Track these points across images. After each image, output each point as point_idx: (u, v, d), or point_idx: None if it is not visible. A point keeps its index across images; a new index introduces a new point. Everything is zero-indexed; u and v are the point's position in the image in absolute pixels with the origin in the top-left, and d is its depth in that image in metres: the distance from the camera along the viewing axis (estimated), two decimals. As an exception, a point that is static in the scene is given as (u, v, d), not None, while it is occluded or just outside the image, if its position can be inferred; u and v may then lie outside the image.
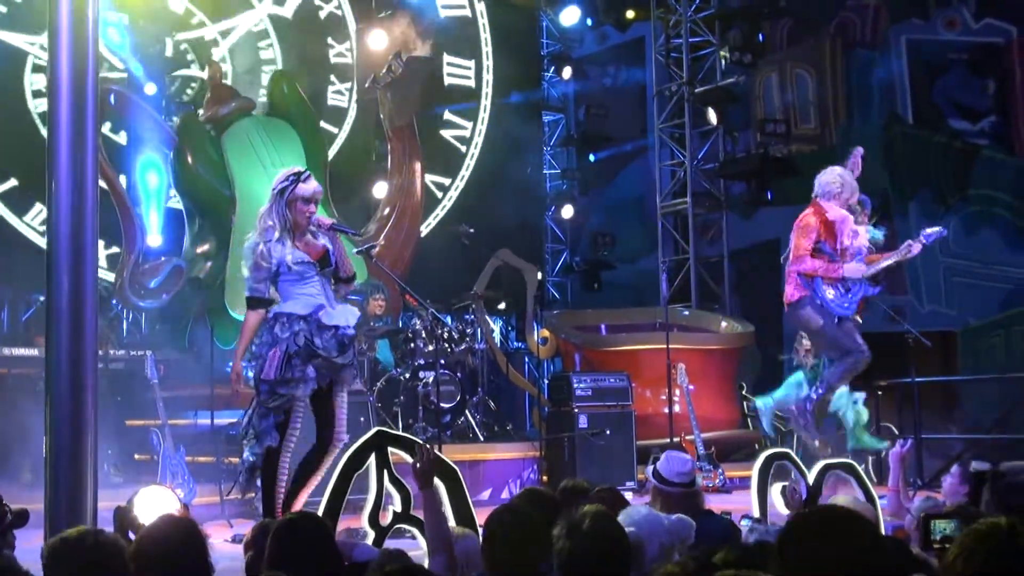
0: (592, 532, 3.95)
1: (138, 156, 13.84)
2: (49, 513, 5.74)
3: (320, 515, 5.25)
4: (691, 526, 4.92)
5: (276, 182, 7.41)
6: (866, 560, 3.12)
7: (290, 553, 4.17)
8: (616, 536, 4.04)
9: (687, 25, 17.19)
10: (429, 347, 12.10)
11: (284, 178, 7.39)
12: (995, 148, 17.86)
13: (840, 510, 3.45)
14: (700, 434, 11.79)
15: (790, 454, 7.39)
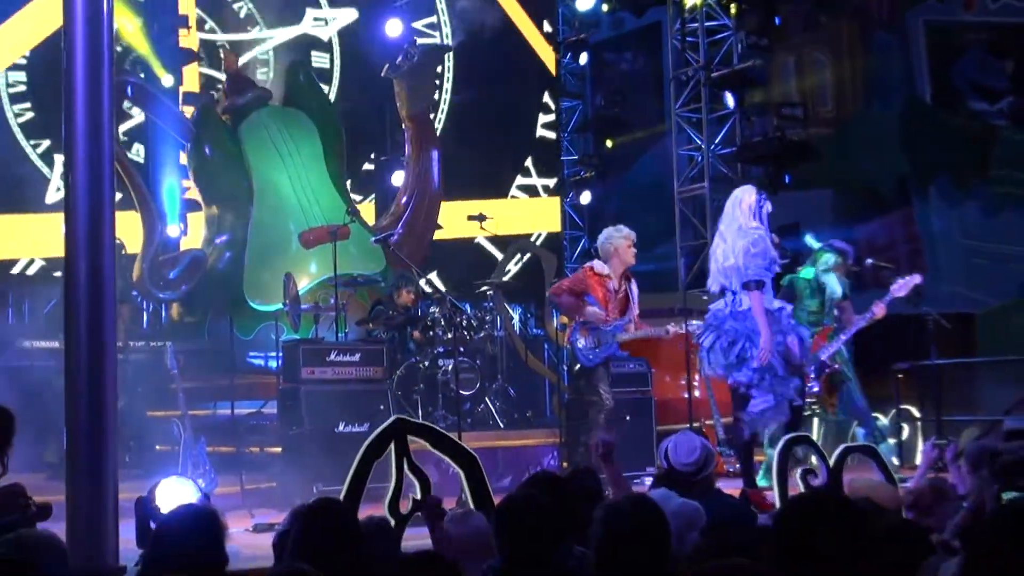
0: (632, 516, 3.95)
1: (156, 148, 13.89)
2: (70, 506, 5.76)
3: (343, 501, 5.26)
4: (698, 509, 4.92)
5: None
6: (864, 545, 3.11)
7: (313, 541, 4.19)
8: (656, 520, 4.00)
9: (703, 9, 17.10)
10: (448, 335, 12.08)
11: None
12: (1014, 129, 17.79)
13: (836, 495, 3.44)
14: (720, 419, 11.76)
15: (810, 438, 7.41)
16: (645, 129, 18.92)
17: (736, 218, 8.70)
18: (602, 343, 9.87)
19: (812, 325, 10.10)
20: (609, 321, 9.78)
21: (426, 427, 5.99)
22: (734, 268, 8.44)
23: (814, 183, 17.67)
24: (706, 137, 17.01)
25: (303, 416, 10.03)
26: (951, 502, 5.79)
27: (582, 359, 9.97)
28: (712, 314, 8.69)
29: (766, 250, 8.46)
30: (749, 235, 8.51)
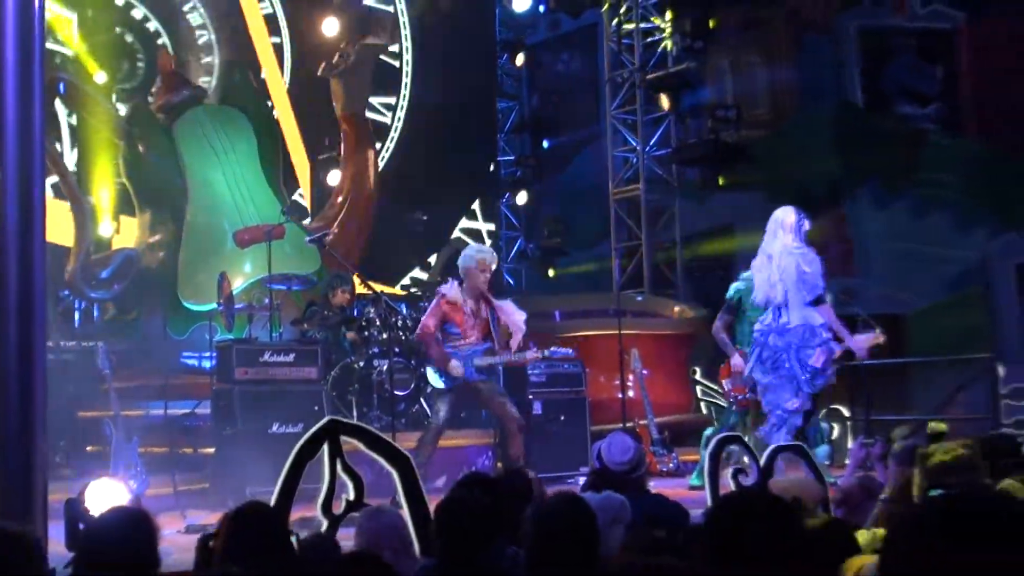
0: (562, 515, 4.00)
1: (89, 146, 13.75)
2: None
3: (272, 505, 5.25)
4: (623, 503, 4.93)
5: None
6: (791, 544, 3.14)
7: (243, 544, 4.18)
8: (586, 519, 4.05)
9: (639, 12, 17.23)
10: (383, 335, 12.07)
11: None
12: (943, 133, 18.04)
13: (765, 494, 3.46)
14: (654, 418, 11.85)
15: (741, 438, 7.46)
16: (581, 130, 18.98)
17: (779, 237, 9.22)
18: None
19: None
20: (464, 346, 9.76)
21: (360, 428, 5.94)
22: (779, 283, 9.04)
23: (748, 185, 17.79)
24: (641, 139, 17.12)
25: (237, 417, 9.99)
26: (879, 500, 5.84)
27: (434, 383, 9.94)
28: (759, 331, 9.26)
29: (820, 266, 9.07)
30: (796, 254, 9.05)
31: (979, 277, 16.91)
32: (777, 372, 9.08)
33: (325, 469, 5.62)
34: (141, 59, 14.99)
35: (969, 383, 13.44)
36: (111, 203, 13.93)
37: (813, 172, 17.93)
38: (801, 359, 8.99)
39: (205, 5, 15.30)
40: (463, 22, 17.04)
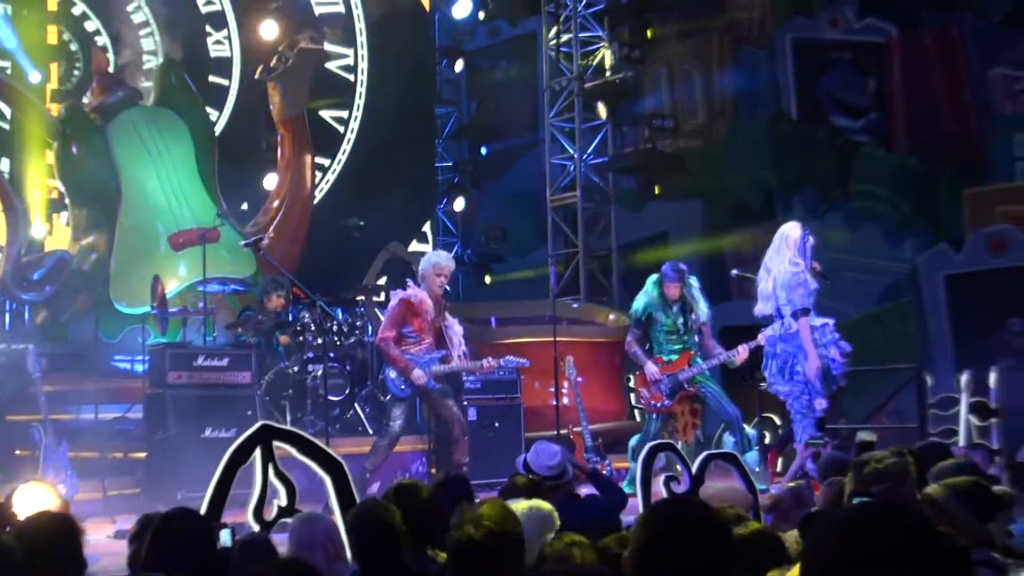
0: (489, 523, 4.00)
1: (21, 146, 13.60)
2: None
3: (203, 511, 5.22)
4: (551, 512, 4.92)
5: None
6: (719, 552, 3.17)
7: (168, 550, 4.16)
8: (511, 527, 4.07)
9: (577, 21, 17.29)
10: (318, 340, 12.03)
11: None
12: (875, 144, 18.26)
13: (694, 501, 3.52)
14: (588, 426, 11.80)
15: (673, 445, 7.51)
16: (519, 137, 19.01)
17: (782, 252, 9.65)
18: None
19: (670, 343, 10.30)
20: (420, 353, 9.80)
21: (292, 433, 5.91)
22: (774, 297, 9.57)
23: (684, 194, 17.91)
24: (579, 147, 17.17)
25: (169, 421, 9.93)
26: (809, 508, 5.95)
27: (393, 389, 9.94)
28: (767, 339, 9.70)
29: (805, 282, 9.48)
30: (789, 269, 9.52)
31: (909, 288, 17.12)
32: (793, 379, 9.57)
33: (257, 474, 5.61)
34: (79, 59, 14.85)
35: (898, 393, 13.59)
36: (43, 204, 13.79)
37: (748, 182, 18.10)
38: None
39: (150, 3, 15.17)
40: (403, 28, 17.00)
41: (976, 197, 17.21)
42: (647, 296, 10.22)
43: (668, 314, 10.20)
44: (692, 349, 10.29)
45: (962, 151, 17.67)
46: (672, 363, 10.27)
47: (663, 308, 10.21)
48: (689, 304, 10.26)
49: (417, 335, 9.79)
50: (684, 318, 10.26)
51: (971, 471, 5.55)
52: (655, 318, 10.23)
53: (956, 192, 17.32)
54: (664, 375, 10.21)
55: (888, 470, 5.44)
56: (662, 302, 10.21)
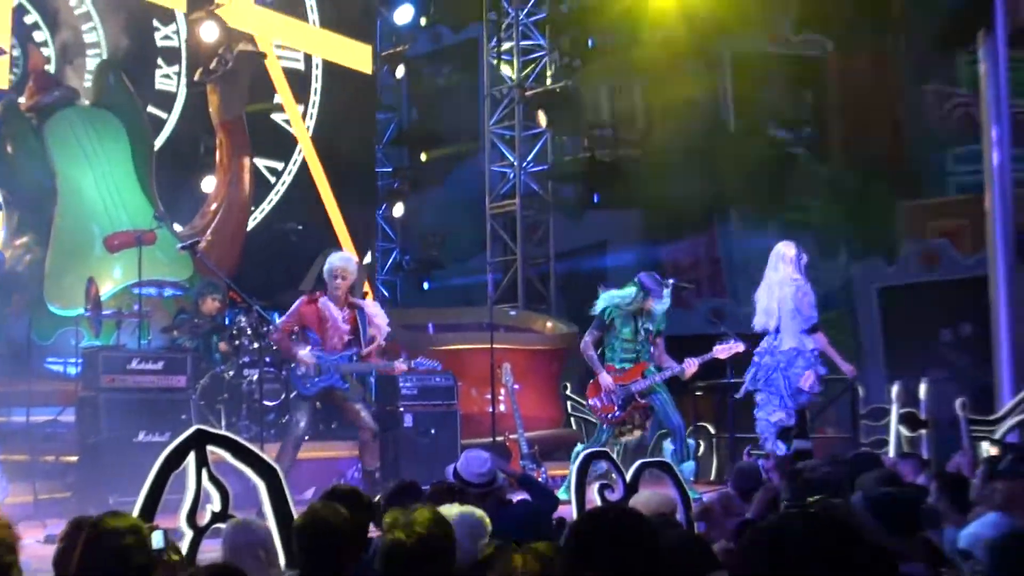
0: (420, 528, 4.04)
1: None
2: None
3: (134, 515, 5.18)
4: (481, 519, 4.96)
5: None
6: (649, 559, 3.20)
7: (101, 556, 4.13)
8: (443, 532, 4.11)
9: (519, 29, 17.35)
10: (254, 345, 11.97)
11: None
12: (811, 157, 18.46)
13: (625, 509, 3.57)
14: (524, 433, 11.87)
15: (608, 453, 7.55)
16: (459, 144, 19.03)
17: (780, 269, 10.18)
18: (323, 372, 9.85)
19: (624, 352, 10.30)
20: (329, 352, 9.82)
21: (226, 437, 5.82)
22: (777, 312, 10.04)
23: (622, 203, 17.99)
24: (518, 154, 17.22)
25: (102, 424, 9.85)
26: (739, 516, 6.06)
27: (299, 387, 9.96)
28: (757, 351, 10.21)
29: (809, 293, 10.01)
30: (793, 285, 10.04)
31: (843, 300, 17.30)
32: (767, 388, 10.04)
33: (190, 479, 5.57)
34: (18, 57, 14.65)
35: (832, 403, 13.76)
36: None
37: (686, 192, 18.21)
38: (788, 377, 10.00)
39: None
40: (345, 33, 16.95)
41: (909, 211, 17.46)
42: (614, 300, 10.21)
43: (627, 323, 10.20)
44: (646, 359, 10.27)
45: (896, 166, 17.91)
46: (625, 372, 10.27)
47: (627, 317, 10.20)
48: (650, 314, 10.24)
49: (320, 338, 9.82)
50: (643, 328, 10.25)
51: (895, 482, 5.63)
52: (615, 324, 10.23)
53: (890, 206, 17.56)
54: (617, 385, 10.21)
55: (822, 479, 5.51)
56: (630, 311, 10.20)
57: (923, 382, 10.99)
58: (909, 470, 7.31)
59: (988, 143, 11.83)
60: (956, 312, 15.14)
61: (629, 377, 10.25)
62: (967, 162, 16.25)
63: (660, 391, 10.33)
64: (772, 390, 10.01)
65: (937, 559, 4.77)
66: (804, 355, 9.99)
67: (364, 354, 9.90)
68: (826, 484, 5.67)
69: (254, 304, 11.23)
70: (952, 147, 17.52)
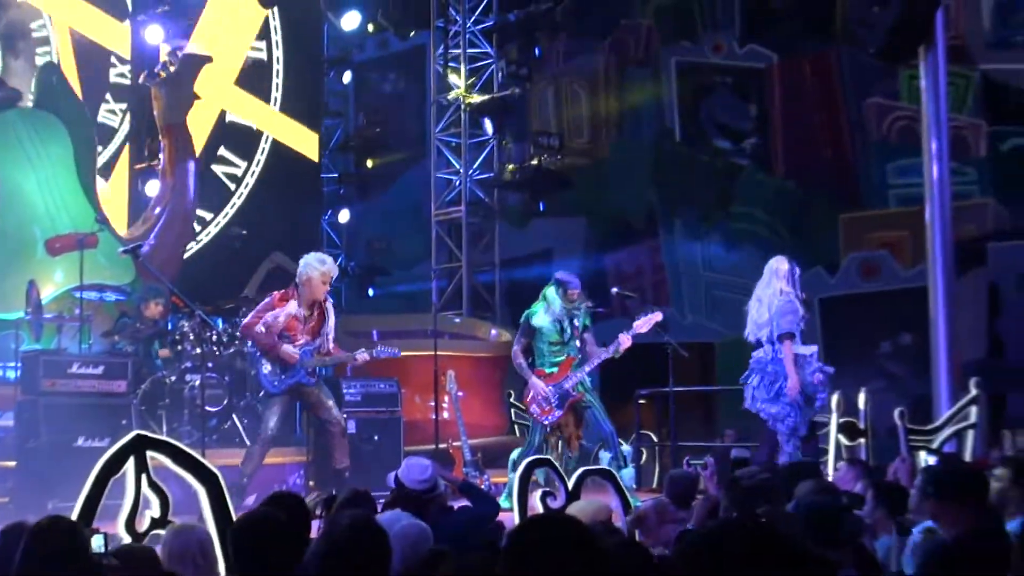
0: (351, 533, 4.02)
1: None
2: None
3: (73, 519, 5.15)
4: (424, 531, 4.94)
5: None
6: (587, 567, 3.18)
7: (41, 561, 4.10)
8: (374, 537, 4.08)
9: (466, 36, 17.38)
10: (197, 350, 11.89)
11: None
12: (755, 168, 18.62)
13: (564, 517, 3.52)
14: (467, 440, 11.85)
15: (551, 460, 7.56)
16: (405, 151, 19.01)
17: (772, 283, 10.24)
18: (289, 369, 9.90)
19: (553, 354, 10.33)
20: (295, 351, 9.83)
21: (166, 443, 5.75)
22: (767, 323, 10.08)
23: (568, 211, 18.07)
24: (464, 162, 17.24)
25: (41, 429, 9.74)
26: (673, 523, 6.05)
27: (267, 385, 10.00)
28: (756, 360, 10.17)
29: (795, 309, 10.03)
30: (780, 298, 10.10)
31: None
32: (780, 402, 9.99)
33: (129, 485, 5.53)
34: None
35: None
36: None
37: (631, 201, 18.35)
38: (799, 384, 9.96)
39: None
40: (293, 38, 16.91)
41: (851, 222, 17.65)
42: (548, 305, 10.25)
43: (552, 324, 10.24)
44: (573, 354, 10.32)
45: (838, 177, 18.13)
46: (555, 374, 10.29)
47: (553, 318, 10.23)
48: (572, 312, 10.29)
49: (290, 336, 9.84)
50: (569, 327, 10.29)
51: (831, 492, 5.67)
52: (540, 328, 10.27)
53: (832, 217, 17.75)
54: (550, 386, 10.24)
55: (761, 487, 5.54)
56: (556, 311, 10.22)
57: (862, 392, 11.07)
58: (850, 478, 7.33)
59: (928, 156, 11.90)
60: (896, 323, 15.31)
61: (559, 376, 10.27)
62: (908, 175, 16.44)
63: (593, 400, 10.38)
64: (787, 401, 10.02)
65: (870, 567, 4.82)
66: (807, 358, 10.12)
67: (324, 351, 10.00)
68: (764, 492, 5.68)
69: (197, 309, 11.16)
70: (894, 160, 17.74)
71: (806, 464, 7.96)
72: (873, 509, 5.89)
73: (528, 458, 7.72)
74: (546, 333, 10.27)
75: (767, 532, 2.98)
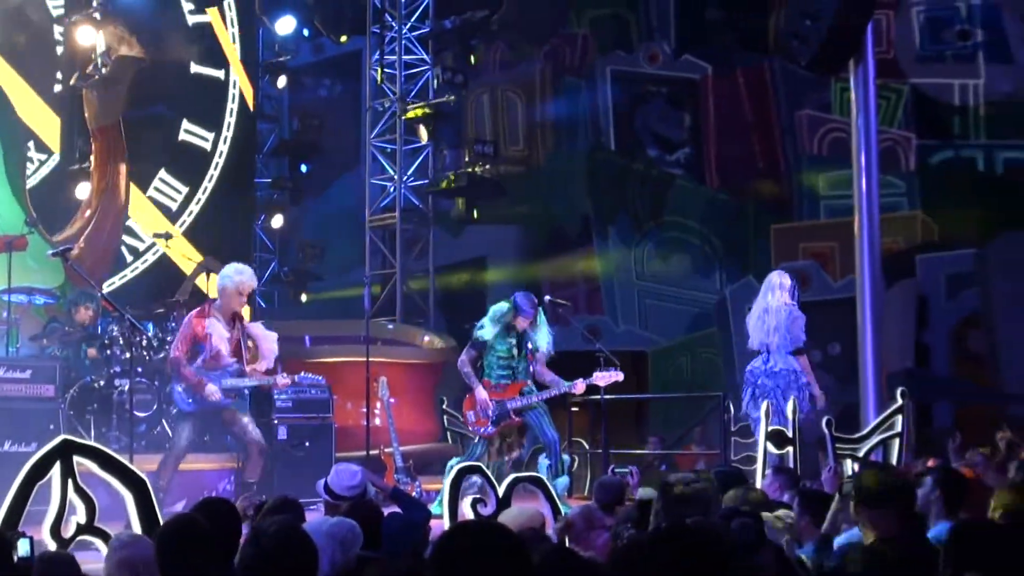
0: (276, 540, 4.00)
1: None
2: None
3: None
4: (352, 528, 4.92)
5: None
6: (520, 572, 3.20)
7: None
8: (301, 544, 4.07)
9: (402, 43, 17.36)
10: (126, 354, 11.75)
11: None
12: (688, 178, 18.75)
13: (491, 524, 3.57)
14: (399, 447, 11.80)
15: (481, 467, 7.56)
16: (340, 156, 18.94)
17: (775, 295, 10.63)
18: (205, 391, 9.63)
19: (501, 368, 10.35)
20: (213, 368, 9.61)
21: (94, 448, 5.83)
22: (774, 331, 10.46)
23: (502, 219, 18.09)
24: (399, 168, 17.20)
25: (-35, 434, 9.61)
26: (601, 530, 6.12)
27: (180, 404, 9.81)
28: (750, 371, 10.61)
29: (800, 318, 10.48)
30: (785, 311, 10.50)
31: (717, 318, 17.57)
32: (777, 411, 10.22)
33: (55, 490, 5.48)
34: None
35: (703, 420, 13.93)
36: None
37: (566, 210, 18.41)
38: (787, 398, 10.24)
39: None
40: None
41: (782, 232, 17.82)
42: (495, 325, 10.25)
43: (504, 341, 10.24)
44: (523, 377, 10.32)
45: (770, 188, 18.31)
46: (503, 389, 10.30)
47: (502, 334, 10.23)
48: (526, 333, 10.28)
49: (210, 352, 9.56)
50: (519, 345, 10.29)
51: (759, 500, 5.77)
52: (491, 343, 10.27)
53: (764, 227, 17.90)
54: (493, 401, 10.24)
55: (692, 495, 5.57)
56: (505, 331, 10.23)
57: (791, 400, 11.17)
58: (777, 486, 7.37)
59: (857, 169, 12.01)
60: (825, 332, 15.45)
61: (506, 394, 10.27)
62: (839, 186, 16.60)
63: (539, 409, 10.35)
64: (776, 411, 10.26)
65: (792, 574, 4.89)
66: (799, 376, 10.49)
67: (248, 371, 9.71)
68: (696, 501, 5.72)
69: (127, 314, 11.04)
70: (824, 171, 17.93)
71: (732, 472, 8.00)
72: (799, 517, 5.95)
73: (457, 466, 7.69)
74: (497, 349, 10.27)
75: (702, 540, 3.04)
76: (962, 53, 18.11)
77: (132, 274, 15.36)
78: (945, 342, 16.84)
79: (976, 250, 16.96)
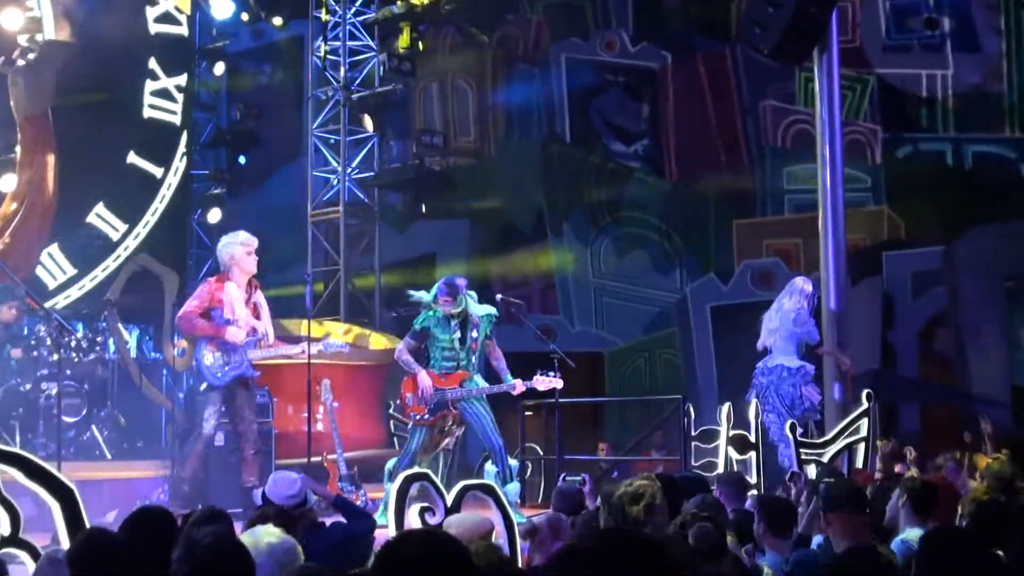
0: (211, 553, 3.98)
1: None
2: None
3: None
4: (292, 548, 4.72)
5: None
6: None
7: None
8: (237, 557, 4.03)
9: (346, 28, 17.02)
10: (54, 356, 11.45)
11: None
12: (647, 171, 18.50)
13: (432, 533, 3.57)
14: (343, 453, 11.53)
15: (429, 475, 7.24)
16: (281, 147, 18.55)
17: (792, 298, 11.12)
18: (232, 360, 9.92)
19: (445, 359, 10.13)
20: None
21: (18, 455, 5.65)
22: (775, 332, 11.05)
23: (451, 214, 17.84)
24: (343, 160, 16.88)
25: None
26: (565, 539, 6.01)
27: (210, 378, 9.99)
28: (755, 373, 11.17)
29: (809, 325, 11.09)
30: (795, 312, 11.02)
31: (676, 318, 17.33)
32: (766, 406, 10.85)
33: (-22, 500, 5.43)
34: None
35: (662, 424, 13.62)
36: None
37: (519, 204, 18.09)
38: (780, 395, 10.86)
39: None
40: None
41: (745, 229, 17.64)
42: (435, 313, 10.10)
43: (445, 330, 10.07)
44: (467, 369, 10.16)
45: (732, 182, 18.08)
46: (446, 378, 10.13)
47: (441, 324, 10.07)
48: (470, 321, 10.09)
49: (228, 319, 9.87)
50: (463, 335, 10.09)
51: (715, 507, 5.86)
52: (433, 333, 10.11)
53: (726, 223, 17.71)
54: (434, 388, 10.08)
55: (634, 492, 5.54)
56: (439, 317, 10.07)
57: (753, 403, 10.97)
58: (734, 493, 7.45)
59: (821, 161, 11.88)
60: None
61: (448, 383, 10.12)
62: (803, 180, 16.47)
63: (477, 406, 10.17)
64: (769, 407, 10.80)
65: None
66: (791, 371, 10.89)
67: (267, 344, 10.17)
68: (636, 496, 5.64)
69: (53, 312, 10.64)
70: (789, 165, 17.77)
71: (693, 479, 7.77)
72: (757, 523, 6.03)
73: (404, 471, 7.50)
74: (439, 338, 10.11)
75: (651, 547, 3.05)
76: (930, 43, 18.03)
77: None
78: (912, 342, 16.76)
79: (944, 247, 16.92)
